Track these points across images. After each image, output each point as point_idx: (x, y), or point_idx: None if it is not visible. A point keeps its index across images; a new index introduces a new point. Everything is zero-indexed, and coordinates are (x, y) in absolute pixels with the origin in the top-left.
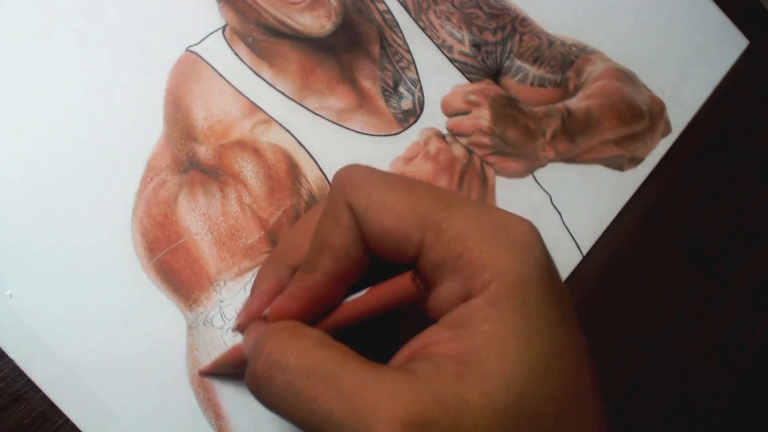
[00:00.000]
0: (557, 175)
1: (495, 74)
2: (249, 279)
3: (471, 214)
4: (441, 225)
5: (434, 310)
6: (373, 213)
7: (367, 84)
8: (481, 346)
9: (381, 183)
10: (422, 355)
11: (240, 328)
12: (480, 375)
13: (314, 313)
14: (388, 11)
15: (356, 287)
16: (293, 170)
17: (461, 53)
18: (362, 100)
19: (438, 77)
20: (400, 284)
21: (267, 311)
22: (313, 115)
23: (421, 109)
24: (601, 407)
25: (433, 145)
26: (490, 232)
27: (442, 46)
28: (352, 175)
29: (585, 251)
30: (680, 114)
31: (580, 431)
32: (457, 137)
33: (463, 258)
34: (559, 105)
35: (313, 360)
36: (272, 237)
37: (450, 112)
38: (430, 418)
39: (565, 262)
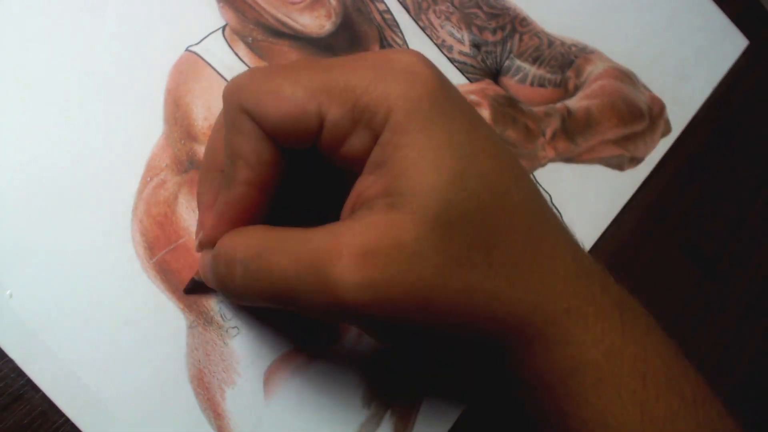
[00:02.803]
0: (557, 175)
1: (495, 74)
2: None
3: (351, 65)
4: (327, 85)
5: (358, 165)
6: (265, 104)
7: None
8: (399, 173)
9: (263, 76)
10: (358, 204)
11: (201, 246)
12: (405, 197)
13: (246, 224)
14: (388, 11)
15: (283, 199)
16: None
17: (461, 53)
18: None
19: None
20: None
21: (200, 236)
22: None
23: None
24: (533, 196)
25: None
26: (373, 73)
27: (441, 46)
28: (236, 81)
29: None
30: (680, 114)
31: (511, 218)
32: None
33: (358, 105)
34: (558, 105)
35: (260, 242)
36: None
37: None
38: (372, 244)
39: None
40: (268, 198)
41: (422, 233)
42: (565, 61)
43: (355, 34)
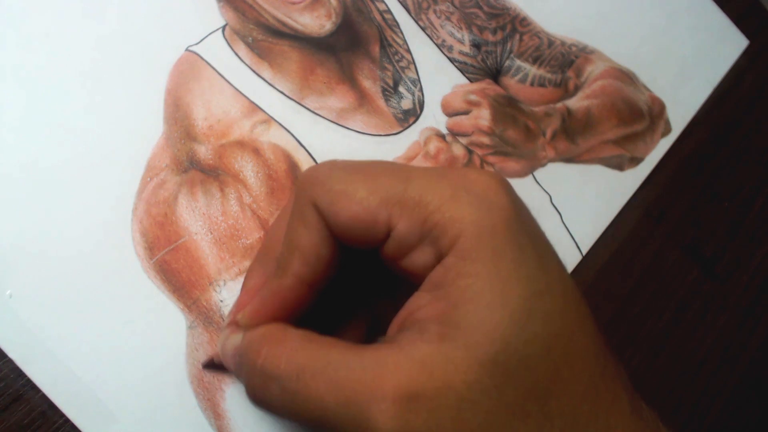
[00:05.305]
0: (557, 175)
1: (495, 74)
2: None
3: (429, 180)
4: (402, 197)
5: (414, 278)
6: (337, 205)
7: (367, 84)
8: (459, 301)
9: (341, 175)
10: (408, 323)
11: (233, 326)
12: (461, 331)
13: (287, 317)
14: (388, 11)
15: (327, 293)
16: (293, 170)
17: (461, 53)
18: (362, 99)
19: (438, 77)
20: None
21: (240, 316)
22: (313, 114)
23: (421, 108)
24: (596, 340)
25: (433, 145)
26: (450, 192)
27: (442, 46)
28: (314, 173)
29: (585, 251)
30: (680, 114)
31: (572, 366)
32: (457, 137)
33: (428, 222)
34: (559, 105)
35: (301, 360)
36: None
37: (450, 111)
38: (419, 386)
39: (565, 262)
40: (316, 295)
41: (474, 376)
42: (565, 61)
43: (355, 34)
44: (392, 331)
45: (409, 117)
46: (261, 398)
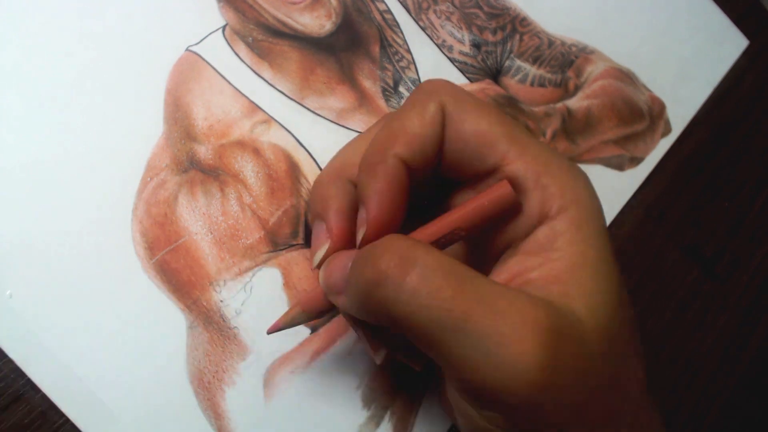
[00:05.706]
0: None
1: (495, 74)
2: (249, 279)
3: (546, 147)
4: (526, 143)
5: (509, 232)
6: (467, 114)
7: (367, 84)
8: (575, 265)
9: (472, 95)
10: (518, 283)
11: (323, 262)
12: (582, 293)
13: (394, 224)
14: (388, 11)
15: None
16: (293, 170)
17: (461, 53)
18: (362, 99)
19: (438, 77)
20: (499, 192)
21: (362, 232)
22: (313, 114)
23: None
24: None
25: None
26: (567, 165)
27: (442, 46)
28: (446, 82)
29: None
30: (680, 114)
31: (637, 352)
32: None
33: (544, 177)
34: (559, 105)
35: (447, 262)
36: (272, 237)
37: None
38: (561, 328)
39: None
40: (407, 201)
41: (596, 338)
42: (565, 61)
43: (355, 34)
44: None
45: None
46: (388, 283)
